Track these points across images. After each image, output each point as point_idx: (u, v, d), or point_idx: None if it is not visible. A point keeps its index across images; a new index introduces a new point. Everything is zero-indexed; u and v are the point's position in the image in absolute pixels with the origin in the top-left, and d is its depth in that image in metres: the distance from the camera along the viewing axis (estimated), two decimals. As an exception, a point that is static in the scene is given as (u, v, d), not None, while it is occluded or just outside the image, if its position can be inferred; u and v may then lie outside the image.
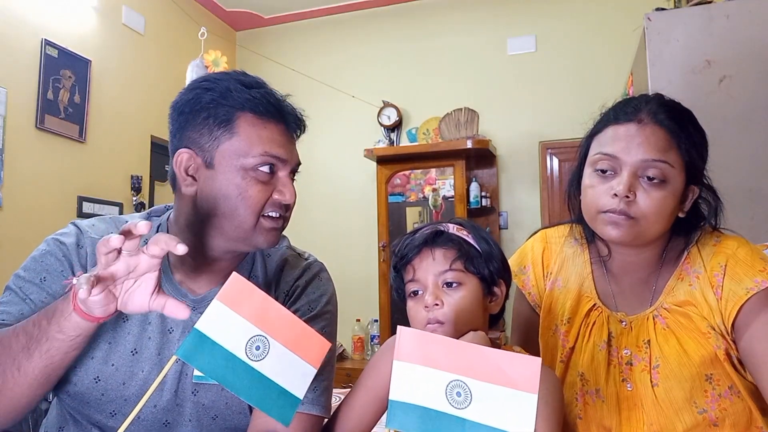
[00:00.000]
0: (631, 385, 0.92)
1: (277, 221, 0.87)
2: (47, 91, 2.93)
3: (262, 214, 0.85)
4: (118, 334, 0.89)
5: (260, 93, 0.86)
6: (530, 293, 1.09)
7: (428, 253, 0.87)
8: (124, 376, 0.87)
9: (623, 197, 0.86)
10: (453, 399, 0.54)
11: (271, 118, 0.86)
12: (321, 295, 0.99)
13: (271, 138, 0.85)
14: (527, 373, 0.53)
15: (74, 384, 0.87)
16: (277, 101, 0.88)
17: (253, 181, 0.84)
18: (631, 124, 0.89)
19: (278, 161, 0.86)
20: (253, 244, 0.87)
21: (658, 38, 2.04)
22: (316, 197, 4.21)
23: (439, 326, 0.83)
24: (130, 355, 0.88)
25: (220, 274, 0.94)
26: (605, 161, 0.89)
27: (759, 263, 0.88)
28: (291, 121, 0.89)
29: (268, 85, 0.90)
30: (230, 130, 0.84)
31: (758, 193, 1.91)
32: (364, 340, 3.92)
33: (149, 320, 0.90)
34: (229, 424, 0.91)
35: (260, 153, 0.84)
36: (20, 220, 2.76)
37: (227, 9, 4.27)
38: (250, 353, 0.60)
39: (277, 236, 0.89)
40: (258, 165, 0.84)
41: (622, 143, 0.88)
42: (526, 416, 0.52)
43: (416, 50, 4.12)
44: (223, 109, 0.85)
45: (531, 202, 3.77)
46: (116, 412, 0.88)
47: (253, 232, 0.86)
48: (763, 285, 0.85)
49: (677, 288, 0.93)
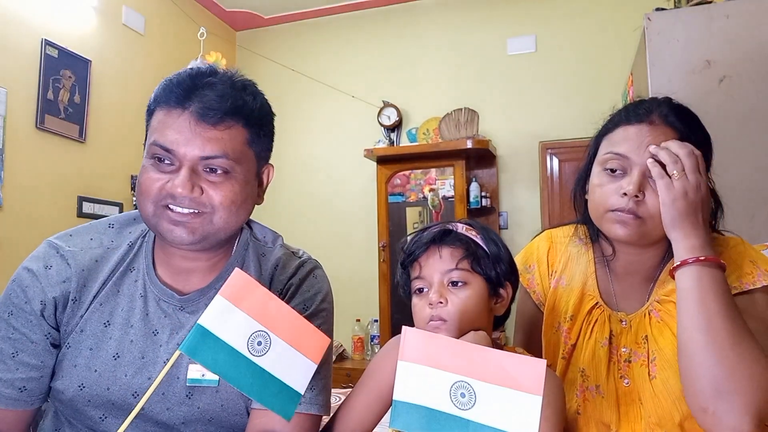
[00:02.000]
0: (628, 381, 0.93)
1: (178, 215, 0.83)
2: (47, 91, 2.93)
3: (162, 204, 0.83)
4: (100, 340, 0.88)
5: (168, 80, 0.86)
6: (535, 292, 1.10)
7: (435, 251, 0.87)
8: (107, 381, 0.87)
9: (632, 197, 0.86)
10: (457, 400, 0.54)
11: (173, 106, 0.84)
12: (316, 293, 0.99)
13: (164, 126, 0.83)
14: (532, 375, 0.53)
15: (62, 392, 0.87)
16: (185, 90, 0.83)
17: (150, 168, 0.84)
18: (642, 125, 0.90)
19: (163, 150, 0.82)
20: (162, 236, 0.86)
21: (658, 38, 2.05)
22: (316, 197, 4.22)
23: (442, 324, 0.83)
24: (112, 360, 0.87)
25: (205, 274, 0.93)
26: (615, 161, 0.90)
27: (747, 266, 0.89)
28: (198, 108, 0.82)
29: (202, 75, 0.86)
30: (149, 121, 0.87)
31: (758, 193, 1.91)
32: (364, 340, 3.92)
33: (131, 323, 0.89)
34: (226, 425, 0.91)
35: (151, 142, 0.84)
36: (20, 220, 2.76)
37: (227, 9, 4.27)
38: (252, 348, 0.60)
39: (183, 232, 0.83)
40: (149, 153, 0.85)
41: (633, 143, 0.89)
42: (530, 418, 0.52)
43: (416, 50, 4.12)
44: (150, 103, 0.88)
45: (531, 202, 3.78)
46: (106, 416, 0.88)
47: (154, 222, 0.84)
48: (746, 287, 0.85)
49: (668, 281, 0.93)
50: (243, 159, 0.86)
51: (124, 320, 0.89)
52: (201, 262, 0.92)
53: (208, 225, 0.84)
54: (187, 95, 0.83)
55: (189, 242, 0.84)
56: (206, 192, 0.83)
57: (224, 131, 0.83)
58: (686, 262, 0.82)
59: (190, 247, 0.86)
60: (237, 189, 0.85)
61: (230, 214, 0.85)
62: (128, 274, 0.92)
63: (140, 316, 0.90)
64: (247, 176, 0.88)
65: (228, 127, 0.84)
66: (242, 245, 0.97)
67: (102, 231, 0.95)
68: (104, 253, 0.92)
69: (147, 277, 0.92)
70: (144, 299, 0.91)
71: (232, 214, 0.86)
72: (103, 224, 0.97)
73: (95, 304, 0.89)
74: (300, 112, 4.28)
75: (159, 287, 0.91)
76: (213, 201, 0.83)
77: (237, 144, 0.85)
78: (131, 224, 0.97)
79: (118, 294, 0.91)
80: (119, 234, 0.96)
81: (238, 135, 0.85)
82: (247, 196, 0.88)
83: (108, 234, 0.95)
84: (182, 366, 0.89)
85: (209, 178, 0.84)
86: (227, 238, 0.90)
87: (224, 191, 0.84)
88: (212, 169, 0.83)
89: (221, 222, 0.85)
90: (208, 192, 0.83)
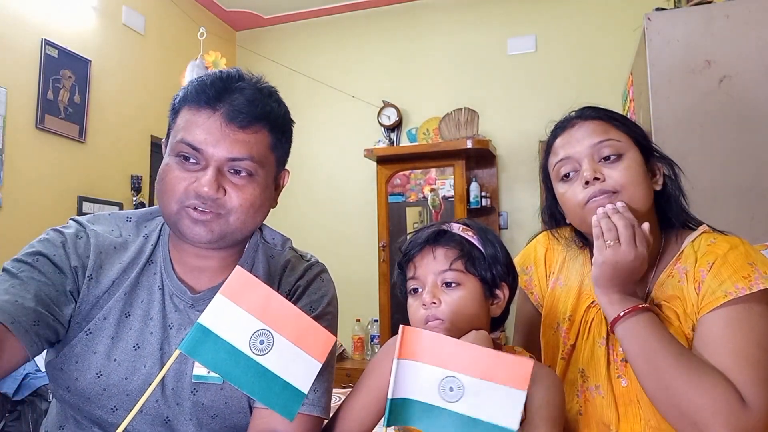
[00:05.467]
0: (626, 381, 0.93)
1: (200, 213, 0.84)
2: (47, 91, 2.93)
3: (187, 205, 0.84)
4: (121, 330, 0.89)
5: (199, 81, 0.87)
6: (533, 293, 1.11)
7: (429, 252, 0.87)
8: (126, 371, 0.87)
9: (593, 180, 0.91)
10: (446, 393, 0.57)
11: (203, 107, 0.85)
12: (322, 296, 1.00)
13: (193, 125, 0.84)
14: (519, 372, 0.56)
15: (76, 379, 0.87)
16: (216, 92, 0.85)
17: (176, 166, 0.85)
18: (571, 129, 0.98)
19: (191, 149, 0.83)
20: (181, 233, 0.87)
21: (658, 38, 2.05)
22: (316, 197, 4.22)
23: (440, 323, 0.83)
24: (132, 350, 0.88)
25: (218, 273, 0.94)
26: (564, 165, 0.96)
27: (745, 269, 0.87)
28: (228, 111, 0.84)
29: (232, 80, 0.88)
30: (174, 119, 0.88)
31: (758, 193, 1.91)
32: (364, 340, 3.92)
33: (151, 315, 0.91)
34: (229, 422, 0.91)
35: (178, 140, 0.85)
36: (20, 220, 2.76)
37: (227, 9, 4.27)
38: (254, 347, 0.60)
39: (202, 230, 0.84)
40: (174, 151, 0.85)
41: (570, 143, 0.96)
42: (513, 410, 0.55)
43: (416, 50, 4.12)
44: (176, 102, 0.89)
45: (531, 202, 3.77)
46: (117, 408, 0.88)
47: (175, 220, 0.85)
48: (742, 292, 0.85)
49: (666, 284, 0.94)
50: (266, 163, 0.89)
51: (144, 312, 0.91)
52: (213, 262, 0.94)
53: (225, 225, 0.86)
54: (218, 97, 0.85)
55: (207, 240, 0.86)
56: (228, 193, 0.85)
57: (251, 135, 0.86)
58: (616, 320, 0.87)
59: (207, 245, 0.88)
60: (258, 192, 0.87)
61: (248, 216, 0.87)
62: (148, 266, 0.94)
63: (159, 309, 0.91)
64: (267, 180, 0.90)
65: (255, 132, 0.86)
66: (252, 247, 0.98)
67: (121, 223, 0.98)
68: (123, 243, 0.94)
69: (164, 271, 0.93)
70: (162, 292, 0.92)
71: (250, 216, 0.88)
72: (122, 216, 0.99)
73: (119, 294, 0.90)
74: (300, 112, 4.27)
75: (175, 282, 0.92)
76: (233, 202, 0.85)
77: (262, 148, 0.87)
78: (148, 219, 1.00)
79: (139, 285, 0.92)
80: (137, 228, 0.98)
81: (264, 139, 0.88)
82: (265, 200, 0.91)
83: (126, 226, 0.97)
84: (190, 362, 0.90)
85: (233, 179, 0.86)
86: (242, 238, 0.92)
87: (245, 194, 0.86)
88: (237, 170, 0.85)
89: (238, 223, 0.87)
90: (230, 193, 0.85)
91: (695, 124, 1.97)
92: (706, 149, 1.96)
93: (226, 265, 0.95)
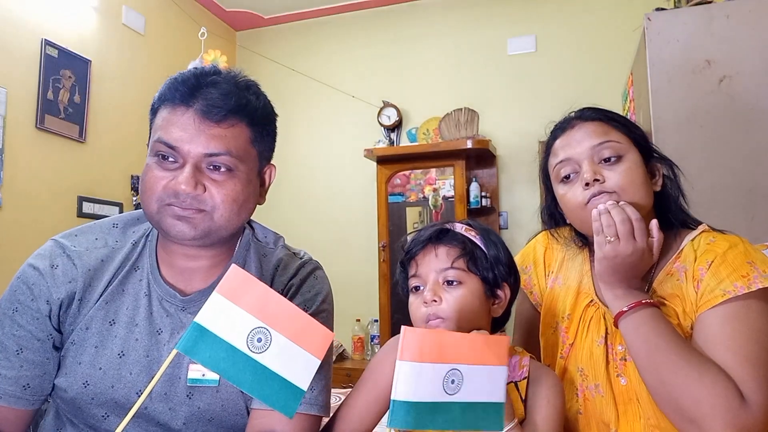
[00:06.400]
0: (625, 380, 0.92)
1: (181, 210, 0.83)
2: (47, 91, 2.93)
3: (167, 203, 0.83)
4: (105, 338, 0.88)
5: (173, 79, 0.86)
6: (532, 292, 1.11)
7: (432, 250, 0.87)
8: (112, 379, 0.87)
9: (593, 181, 0.91)
10: (449, 387, 0.58)
11: (177, 104, 0.84)
12: (316, 294, 0.99)
13: (169, 123, 0.83)
14: (498, 350, 0.62)
15: (65, 390, 0.87)
16: (190, 88, 0.84)
17: (154, 166, 0.85)
18: (570, 130, 0.98)
19: (167, 148, 0.83)
20: (165, 231, 0.86)
21: (658, 38, 2.05)
22: (315, 197, 4.22)
23: (441, 322, 0.83)
24: (117, 358, 0.87)
25: (209, 274, 0.94)
26: (564, 167, 0.97)
27: (744, 268, 0.87)
28: (203, 106, 0.83)
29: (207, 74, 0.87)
30: (154, 119, 0.88)
31: (758, 193, 1.91)
32: (364, 340, 3.92)
33: (136, 322, 0.89)
34: (226, 425, 0.91)
35: (155, 139, 0.84)
36: (20, 220, 2.76)
37: (227, 9, 4.27)
38: (251, 345, 0.59)
39: (185, 227, 0.83)
40: (152, 151, 0.85)
41: (570, 145, 0.96)
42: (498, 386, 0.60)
43: (416, 50, 4.12)
44: (154, 102, 0.88)
45: (531, 202, 3.77)
46: (108, 415, 0.87)
47: (158, 219, 0.85)
48: (741, 291, 0.84)
49: (666, 282, 0.94)
50: (246, 157, 0.87)
51: (129, 319, 0.89)
52: (203, 262, 0.92)
53: (209, 221, 0.84)
54: (191, 93, 0.83)
55: (191, 237, 0.84)
56: (209, 190, 0.83)
57: (228, 129, 0.84)
58: (620, 314, 0.87)
59: (192, 242, 0.86)
60: (239, 188, 0.86)
61: (231, 212, 0.86)
62: (133, 273, 0.92)
63: (145, 315, 0.90)
64: (250, 175, 0.88)
65: (231, 125, 0.84)
66: (244, 246, 0.97)
67: (106, 231, 0.96)
68: (109, 253, 0.93)
69: (151, 276, 0.92)
70: (148, 298, 0.91)
71: (234, 212, 0.86)
72: (108, 224, 0.97)
73: (100, 303, 0.89)
74: (300, 112, 4.28)
75: (162, 287, 0.91)
76: (215, 199, 0.84)
77: (240, 142, 0.85)
78: (135, 224, 0.98)
79: (124, 293, 0.91)
80: (123, 233, 0.96)
81: (242, 133, 0.86)
82: (249, 195, 0.89)
83: (112, 234, 0.96)
84: (183, 366, 0.89)
85: (212, 176, 0.84)
86: (229, 236, 0.90)
87: (226, 189, 0.84)
88: (215, 166, 0.84)
89: (222, 220, 0.85)
90: (211, 190, 0.83)
91: (695, 124, 1.97)
92: (706, 149, 1.96)
93: (216, 265, 0.94)
